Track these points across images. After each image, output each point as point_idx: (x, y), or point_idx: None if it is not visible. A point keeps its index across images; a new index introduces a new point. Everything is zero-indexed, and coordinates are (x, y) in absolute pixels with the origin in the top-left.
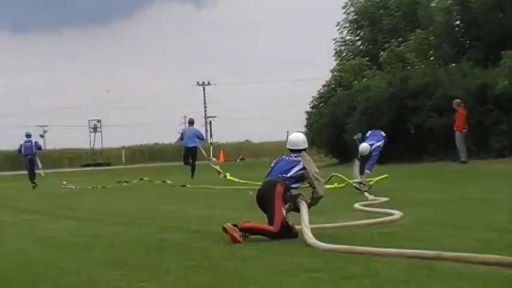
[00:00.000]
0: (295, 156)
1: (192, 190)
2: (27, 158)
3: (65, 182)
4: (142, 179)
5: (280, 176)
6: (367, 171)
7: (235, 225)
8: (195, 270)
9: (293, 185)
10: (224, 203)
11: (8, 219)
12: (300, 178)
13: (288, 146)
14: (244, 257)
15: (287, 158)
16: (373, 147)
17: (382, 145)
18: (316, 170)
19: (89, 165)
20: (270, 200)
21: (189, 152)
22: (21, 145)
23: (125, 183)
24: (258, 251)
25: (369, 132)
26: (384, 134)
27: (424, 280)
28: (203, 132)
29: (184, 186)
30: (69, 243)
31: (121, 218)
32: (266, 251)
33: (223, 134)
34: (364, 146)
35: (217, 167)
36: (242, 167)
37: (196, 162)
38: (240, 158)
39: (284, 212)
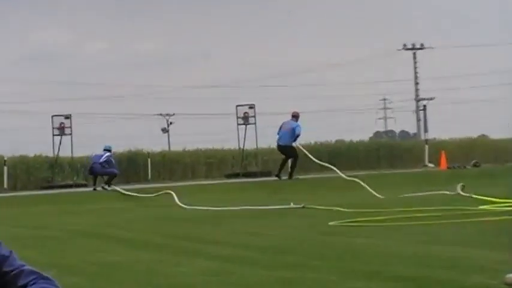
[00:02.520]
0: None
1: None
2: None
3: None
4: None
5: None
6: None
7: None
8: None
9: None
10: (446, 234)
11: (117, 259)
12: None
13: None
14: None
15: None
16: None
17: None
18: None
19: (236, 174)
20: None
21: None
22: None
23: (291, 205)
24: None
25: None
26: None
27: None
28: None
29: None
30: None
31: (287, 256)
32: None
33: (444, 125)
34: None
35: None
36: (476, 177)
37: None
38: (472, 163)
39: None
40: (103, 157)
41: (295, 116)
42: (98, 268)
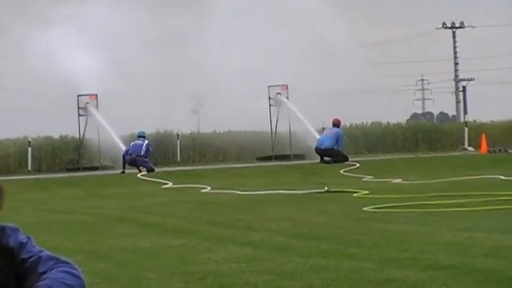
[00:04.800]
0: None
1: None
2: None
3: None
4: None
5: None
6: None
7: None
8: None
9: None
10: (490, 222)
11: (145, 244)
12: None
13: None
14: None
15: None
16: None
17: None
18: None
19: (269, 157)
20: None
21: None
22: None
23: (326, 189)
24: None
25: None
26: None
27: None
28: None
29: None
30: (242, 284)
31: (322, 242)
32: None
33: (484, 107)
34: None
35: None
36: None
37: None
38: None
39: None
40: (143, 147)
41: (337, 124)
42: (127, 254)
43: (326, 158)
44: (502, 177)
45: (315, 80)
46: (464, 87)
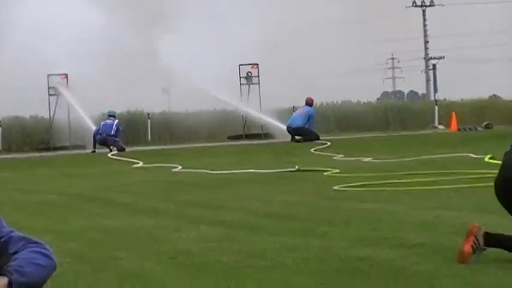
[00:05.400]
0: None
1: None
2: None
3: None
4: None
5: None
6: None
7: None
8: None
9: None
10: (460, 200)
11: (116, 224)
12: None
13: None
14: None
15: None
16: None
17: None
18: None
19: (240, 137)
20: None
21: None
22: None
23: (296, 168)
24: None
25: None
26: None
27: None
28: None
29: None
30: (213, 264)
31: (293, 221)
32: None
33: (454, 85)
34: None
35: None
36: (487, 139)
37: None
38: (484, 124)
39: None
40: (113, 127)
41: (309, 103)
42: (98, 234)
43: (297, 137)
44: (472, 155)
45: (286, 60)
46: (434, 65)
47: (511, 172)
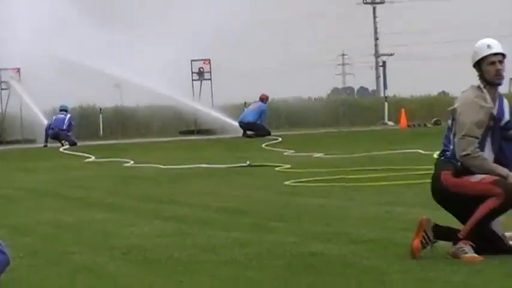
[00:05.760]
0: None
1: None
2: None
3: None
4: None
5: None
6: None
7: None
8: None
9: None
10: (410, 196)
11: (68, 219)
12: None
13: None
14: (446, 283)
15: None
16: None
17: None
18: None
19: (191, 132)
20: None
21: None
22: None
23: (248, 163)
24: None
25: None
26: None
27: None
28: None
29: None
30: (165, 259)
31: (245, 217)
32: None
33: (404, 82)
34: None
35: None
36: (436, 135)
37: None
38: (433, 121)
39: None
40: (65, 121)
41: (263, 99)
42: (50, 228)
43: (249, 132)
44: (421, 152)
45: (238, 56)
46: (384, 62)
47: (436, 184)
